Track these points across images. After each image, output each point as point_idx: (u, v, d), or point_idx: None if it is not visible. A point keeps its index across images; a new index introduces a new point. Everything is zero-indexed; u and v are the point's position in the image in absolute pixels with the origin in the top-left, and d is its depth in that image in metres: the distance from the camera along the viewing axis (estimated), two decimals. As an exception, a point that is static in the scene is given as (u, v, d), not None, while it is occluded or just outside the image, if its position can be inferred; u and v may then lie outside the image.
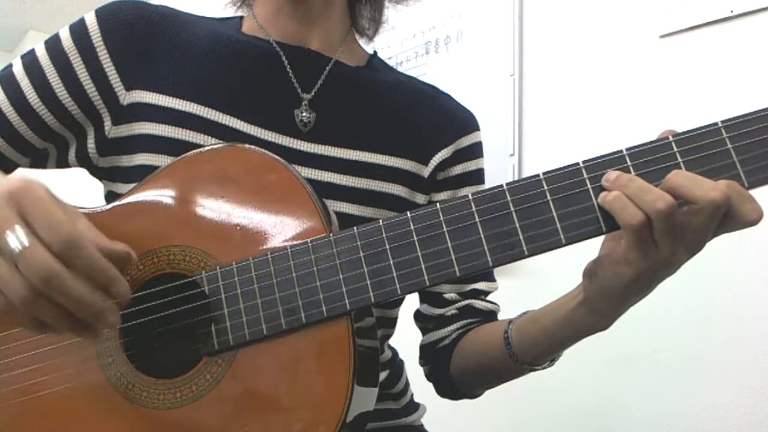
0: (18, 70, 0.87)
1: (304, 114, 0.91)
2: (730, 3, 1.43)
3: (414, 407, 1.06)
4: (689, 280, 0.69)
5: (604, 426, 1.57)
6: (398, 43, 2.08)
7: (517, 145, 1.79)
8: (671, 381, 1.45)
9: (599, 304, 0.73)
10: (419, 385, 1.08)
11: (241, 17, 0.99)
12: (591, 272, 0.73)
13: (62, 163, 0.93)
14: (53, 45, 0.87)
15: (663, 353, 1.44)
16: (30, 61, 0.87)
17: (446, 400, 1.04)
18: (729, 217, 0.64)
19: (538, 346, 0.84)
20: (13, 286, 0.60)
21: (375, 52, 1.06)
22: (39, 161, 0.92)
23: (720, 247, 0.65)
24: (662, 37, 1.55)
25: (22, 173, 0.69)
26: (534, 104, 1.79)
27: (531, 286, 1.47)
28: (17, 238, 0.59)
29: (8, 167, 0.89)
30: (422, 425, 1.06)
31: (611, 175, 0.67)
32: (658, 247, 0.65)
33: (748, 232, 1.14)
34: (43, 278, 0.59)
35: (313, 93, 0.93)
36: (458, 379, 0.99)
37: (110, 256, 0.64)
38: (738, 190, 0.63)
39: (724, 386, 1.38)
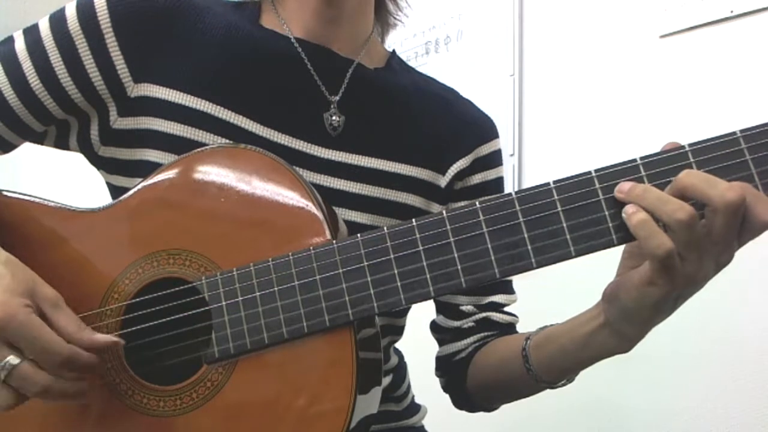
0: (20, 48, 0.83)
1: (334, 117, 0.88)
2: (730, 3, 1.43)
3: (415, 409, 1.05)
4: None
5: (603, 425, 1.58)
6: (398, 43, 2.08)
7: (517, 145, 1.79)
8: (670, 381, 1.45)
9: (622, 327, 0.71)
10: (420, 386, 1.08)
11: (259, 4, 0.93)
12: (612, 296, 0.71)
13: (61, 145, 0.89)
14: (58, 25, 0.82)
15: (662, 353, 1.43)
16: (33, 40, 0.83)
17: (447, 401, 1.04)
18: (746, 221, 0.61)
19: (556, 365, 0.83)
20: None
21: (394, 51, 1.02)
22: (36, 140, 0.88)
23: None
24: (662, 37, 1.54)
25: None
26: (534, 104, 1.79)
27: (535, 285, 1.47)
28: (5, 368, 0.66)
29: (3, 146, 0.87)
30: (423, 426, 1.05)
31: (624, 185, 0.64)
32: (684, 263, 0.63)
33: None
34: (39, 393, 0.67)
35: (339, 95, 0.90)
36: (475, 393, 0.98)
37: (97, 348, 0.70)
38: (752, 191, 0.61)
39: (723, 386, 1.38)
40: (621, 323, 0.71)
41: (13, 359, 0.65)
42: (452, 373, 1.00)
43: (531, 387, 0.89)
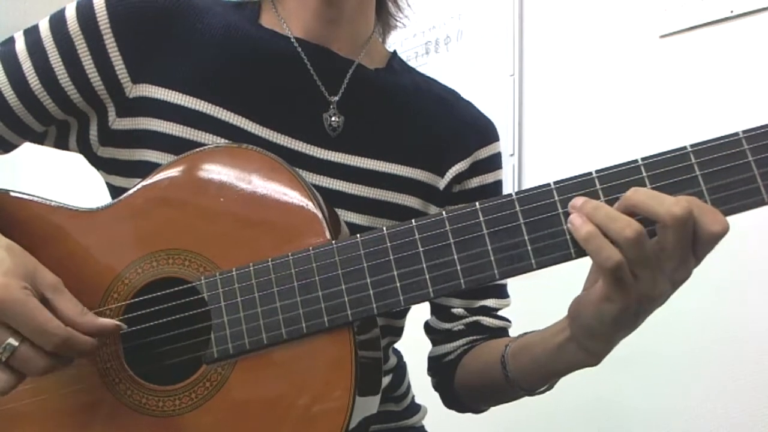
0: (20, 49, 0.83)
1: (333, 118, 0.88)
2: (730, 3, 1.43)
3: (415, 409, 1.06)
4: (688, 280, 0.69)
5: (602, 425, 1.58)
6: (398, 43, 2.08)
7: (517, 145, 1.79)
8: (669, 380, 1.45)
9: (586, 343, 0.72)
10: (420, 387, 1.08)
11: (259, 4, 0.93)
12: (575, 313, 0.71)
13: (61, 146, 0.89)
14: (58, 26, 0.82)
15: (662, 353, 1.44)
16: (33, 41, 0.82)
17: (447, 401, 1.04)
18: (696, 234, 0.62)
19: (532, 375, 0.83)
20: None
21: (395, 52, 1.02)
22: (36, 140, 0.88)
23: (719, 248, 0.64)
24: (662, 37, 1.55)
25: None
26: (534, 104, 1.79)
27: (535, 286, 1.47)
28: (7, 349, 0.66)
29: (4, 146, 0.87)
30: (423, 426, 1.05)
31: (577, 201, 0.65)
32: (638, 280, 0.63)
33: (746, 233, 1.14)
34: (40, 372, 0.68)
35: (339, 96, 0.90)
36: (462, 395, 0.98)
37: (99, 332, 0.71)
38: (698, 204, 0.61)
39: (722, 386, 1.38)
40: (585, 339, 0.72)
41: (13, 341, 0.66)
42: (441, 374, 1.01)
43: (511, 393, 0.89)
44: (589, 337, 0.71)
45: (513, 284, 1.03)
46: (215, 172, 0.75)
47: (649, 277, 0.63)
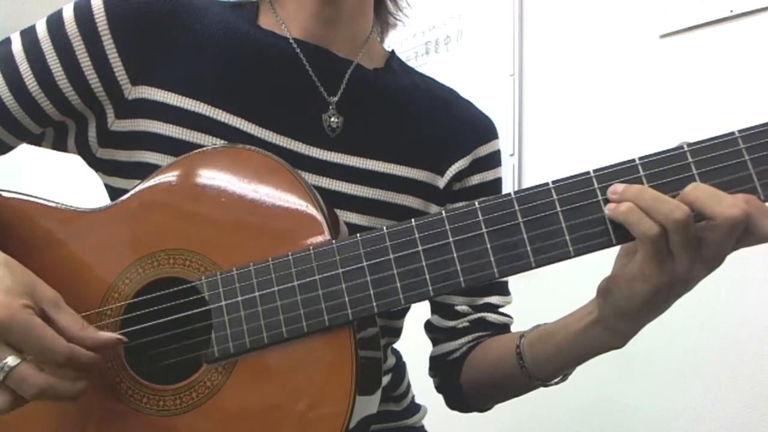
0: (17, 50, 0.82)
1: (332, 119, 0.88)
2: (730, 3, 1.43)
3: (415, 409, 1.06)
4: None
5: (602, 425, 1.58)
6: (398, 43, 2.08)
7: (517, 145, 1.79)
8: (670, 380, 1.45)
9: (614, 323, 0.72)
10: (420, 387, 1.08)
11: (257, 5, 0.93)
12: (605, 291, 0.71)
13: (59, 147, 0.89)
14: (56, 27, 0.82)
15: (662, 352, 1.44)
16: (30, 42, 0.82)
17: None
18: (749, 233, 0.62)
19: (551, 362, 0.83)
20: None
21: (393, 51, 1.02)
22: (34, 141, 0.88)
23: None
24: (662, 37, 1.55)
25: None
26: (534, 104, 1.79)
27: (534, 285, 1.47)
28: (3, 369, 0.65)
29: (2, 148, 0.87)
30: (423, 426, 1.06)
31: (618, 187, 0.65)
32: (675, 260, 0.64)
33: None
34: (36, 395, 0.66)
35: (338, 96, 0.90)
36: (468, 392, 0.98)
37: (100, 346, 0.70)
38: (758, 205, 0.61)
39: (723, 386, 1.38)
40: (613, 319, 0.72)
41: (11, 360, 0.65)
42: (446, 373, 1.01)
43: (524, 385, 0.89)
44: (618, 317, 0.71)
45: (512, 284, 1.03)
46: (216, 172, 0.76)
47: (687, 261, 0.63)
